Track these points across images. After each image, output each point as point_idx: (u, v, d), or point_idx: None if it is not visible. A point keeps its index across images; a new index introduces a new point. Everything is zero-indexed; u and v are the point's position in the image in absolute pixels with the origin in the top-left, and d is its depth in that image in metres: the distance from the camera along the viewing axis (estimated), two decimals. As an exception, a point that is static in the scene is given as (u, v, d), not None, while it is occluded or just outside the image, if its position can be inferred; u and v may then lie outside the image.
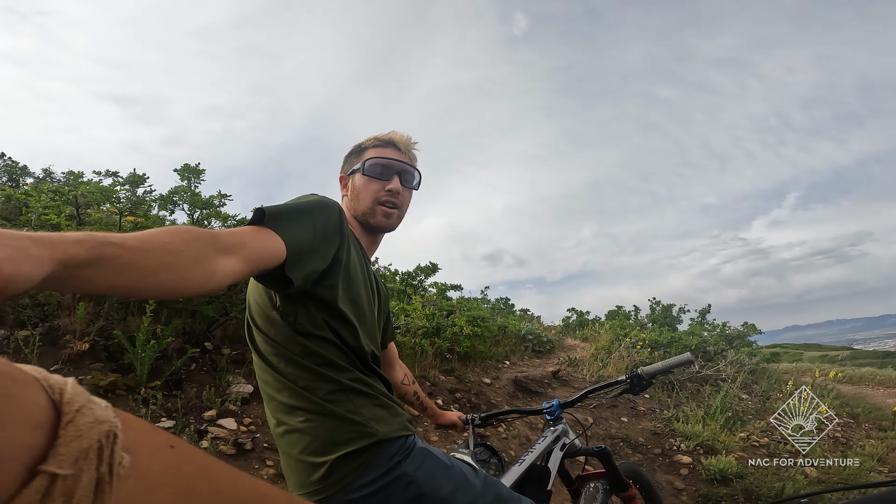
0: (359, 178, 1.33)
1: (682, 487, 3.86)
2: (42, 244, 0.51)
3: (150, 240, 0.66)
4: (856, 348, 29.15)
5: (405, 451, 1.09)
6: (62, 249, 0.53)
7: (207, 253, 0.75)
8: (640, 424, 4.97)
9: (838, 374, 9.14)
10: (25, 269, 0.47)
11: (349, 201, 1.34)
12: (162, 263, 0.65)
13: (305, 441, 1.05)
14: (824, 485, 3.97)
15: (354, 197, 1.32)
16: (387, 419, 1.11)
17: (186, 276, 0.70)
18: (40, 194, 3.47)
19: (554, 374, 5.80)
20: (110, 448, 0.28)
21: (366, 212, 1.30)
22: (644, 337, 7.44)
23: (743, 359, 7.32)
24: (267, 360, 1.13)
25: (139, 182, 3.57)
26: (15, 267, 0.46)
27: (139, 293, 0.64)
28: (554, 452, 1.73)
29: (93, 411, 0.28)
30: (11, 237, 0.48)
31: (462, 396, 4.37)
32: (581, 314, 11.42)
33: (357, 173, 1.34)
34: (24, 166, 9.16)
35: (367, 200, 1.30)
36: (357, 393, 1.10)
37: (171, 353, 3.12)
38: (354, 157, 1.38)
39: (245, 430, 2.86)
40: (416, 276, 8.38)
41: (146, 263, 0.63)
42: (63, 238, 0.54)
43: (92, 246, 0.56)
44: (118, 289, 0.61)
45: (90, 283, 0.57)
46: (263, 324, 1.13)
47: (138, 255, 0.62)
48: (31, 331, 2.76)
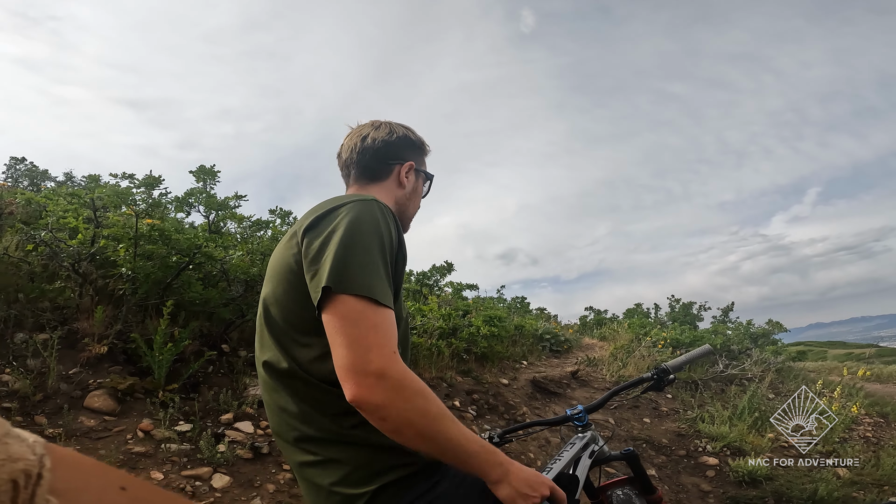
0: (421, 183, 1.33)
1: (709, 490, 3.74)
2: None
3: None
4: (882, 346, 28.40)
5: (443, 472, 1.03)
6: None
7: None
8: (664, 425, 4.84)
9: (867, 372, 8.87)
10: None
11: (402, 195, 1.27)
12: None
13: (342, 472, 0.97)
14: (858, 486, 3.83)
15: (409, 198, 1.29)
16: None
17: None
18: (58, 198, 3.49)
19: (573, 375, 5.70)
20: (31, 490, 0.23)
21: (406, 218, 1.30)
22: (665, 336, 7.28)
23: (768, 358, 7.12)
24: (287, 384, 1.03)
25: (155, 184, 3.57)
26: None
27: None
28: (582, 460, 1.66)
29: (7, 447, 0.23)
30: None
31: (479, 398, 4.31)
32: (599, 313, 11.27)
33: (421, 176, 1.32)
34: (45, 170, 9.33)
35: (416, 208, 1.31)
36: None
37: (189, 355, 3.11)
38: (419, 155, 1.33)
39: (262, 433, 2.83)
40: (431, 276, 8.33)
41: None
42: None
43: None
44: None
45: None
46: (291, 345, 1.02)
47: None
48: (51, 334, 2.76)
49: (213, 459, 2.50)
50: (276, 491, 2.50)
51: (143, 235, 2.99)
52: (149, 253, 2.98)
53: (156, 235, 2.99)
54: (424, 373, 4.26)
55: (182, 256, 3.17)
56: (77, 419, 2.51)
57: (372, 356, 0.87)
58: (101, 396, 2.65)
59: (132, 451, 2.42)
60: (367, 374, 0.86)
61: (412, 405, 0.87)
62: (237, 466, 2.56)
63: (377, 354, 0.87)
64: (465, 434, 0.93)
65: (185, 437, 2.64)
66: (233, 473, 2.50)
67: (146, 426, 2.58)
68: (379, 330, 0.89)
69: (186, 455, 2.52)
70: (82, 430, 2.46)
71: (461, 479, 1.04)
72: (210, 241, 3.32)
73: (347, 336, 0.88)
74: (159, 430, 2.58)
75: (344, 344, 0.88)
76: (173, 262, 3.15)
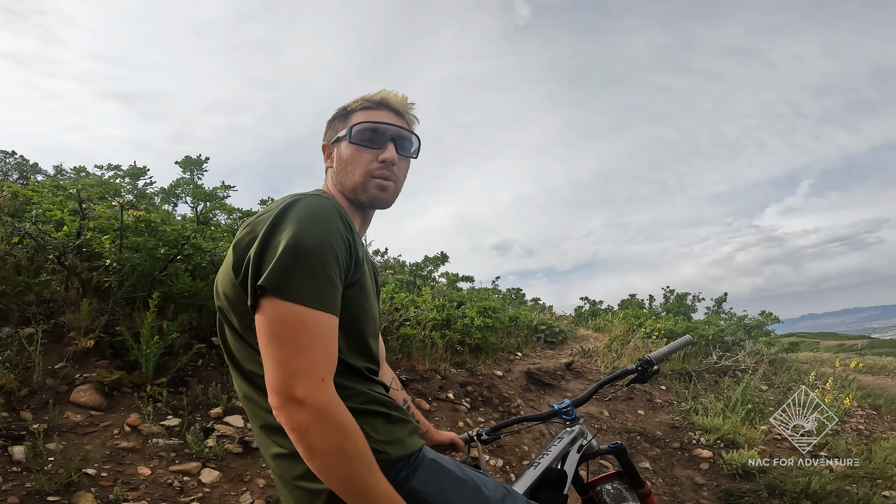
0: (345, 147, 1.13)
1: (703, 483, 3.75)
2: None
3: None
4: (873, 337, 28.55)
5: (413, 466, 0.99)
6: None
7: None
8: (658, 417, 4.85)
9: (859, 364, 8.92)
10: None
11: (335, 174, 1.16)
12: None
13: (305, 466, 0.91)
14: (850, 480, 3.84)
15: (341, 169, 1.14)
16: (399, 438, 1.00)
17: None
18: (44, 190, 3.42)
19: (568, 366, 5.69)
20: None
21: (355, 187, 1.12)
22: (660, 327, 7.29)
23: (762, 349, 7.14)
24: (249, 376, 1.00)
25: (140, 174, 3.50)
26: None
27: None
28: (570, 455, 1.64)
29: None
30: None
31: (474, 390, 4.29)
32: (594, 303, 11.28)
33: (343, 141, 1.14)
34: (35, 164, 9.21)
35: (357, 173, 1.11)
36: (366, 413, 0.98)
37: (177, 349, 3.06)
38: (339, 122, 1.18)
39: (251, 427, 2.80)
40: (424, 267, 8.29)
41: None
42: None
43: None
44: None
45: None
46: (246, 330, 0.98)
47: None
48: (36, 328, 2.71)
49: (202, 454, 2.46)
50: (265, 486, 2.47)
51: (129, 227, 2.93)
52: (135, 245, 2.92)
53: (142, 227, 2.93)
54: (418, 364, 4.24)
55: (170, 248, 3.11)
56: (63, 414, 2.47)
57: (297, 382, 0.84)
58: (87, 391, 2.61)
59: (119, 447, 2.38)
60: (290, 398, 0.85)
61: (328, 438, 0.85)
62: (226, 461, 2.53)
63: (302, 381, 0.85)
64: (378, 483, 0.88)
65: (174, 431, 2.61)
66: (222, 468, 2.47)
67: (133, 421, 2.54)
68: (306, 352, 0.86)
69: (175, 450, 2.49)
70: (68, 425, 2.42)
71: (431, 474, 1.01)
72: (198, 233, 3.26)
73: (273, 357, 0.87)
74: (147, 424, 2.54)
75: (270, 365, 0.87)
76: (161, 254, 3.09)
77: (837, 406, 5.21)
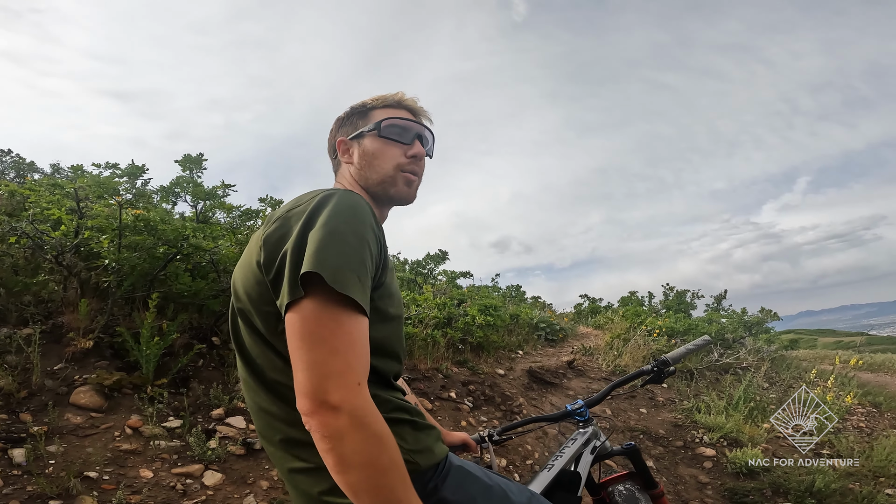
0: (371, 142, 1.14)
1: (707, 482, 3.73)
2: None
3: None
4: (871, 334, 28.69)
5: (442, 475, 0.96)
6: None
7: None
8: (660, 416, 4.83)
9: (859, 361, 8.93)
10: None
11: (357, 169, 1.15)
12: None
13: (331, 481, 0.84)
14: (854, 478, 3.83)
15: (366, 164, 1.13)
16: (427, 446, 0.97)
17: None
18: (41, 188, 3.38)
19: (569, 364, 5.67)
20: None
21: (384, 180, 1.12)
22: (660, 324, 7.28)
23: (762, 346, 7.14)
24: (271, 385, 0.94)
25: (138, 173, 3.46)
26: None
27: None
28: (584, 456, 1.62)
29: None
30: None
31: (476, 389, 4.26)
32: (593, 301, 11.27)
33: (368, 136, 1.14)
34: (32, 162, 9.15)
35: (387, 167, 1.12)
36: (393, 422, 0.91)
37: (178, 349, 3.03)
38: (359, 119, 1.18)
39: (255, 428, 2.77)
40: (425, 265, 8.27)
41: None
42: None
43: None
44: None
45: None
46: (272, 334, 0.92)
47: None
48: (34, 329, 2.67)
49: (205, 456, 2.43)
50: (269, 488, 2.44)
51: (127, 226, 2.89)
52: (134, 244, 2.88)
53: (141, 226, 2.89)
54: (420, 364, 4.21)
55: (169, 247, 3.07)
56: (63, 416, 2.44)
57: (332, 385, 0.78)
58: (87, 392, 2.57)
59: (120, 449, 2.35)
60: (323, 403, 0.78)
61: (363, 448, 0.78)
62: (229, 463, 2.50)
63: (337, 385, 0.78)
64: (410, 498, 0.81)
65: (175, 433, 2.58)
66: (225, 470, 2.44)
67: (134, 423, 2.51)
68: (343, 354, 0.80)
69: (177, 452, 2.45)
70: (69, 427, 2.39)
71: (459, 481, 0.98)
72: (198, 232, 3.22)
73: (305, 359, 0.80)
74: (148, 426, 2.51)
75: (301, 367, 0.80)
76: (160, 254, 3.06)
77: (838, 404, 5.21)
